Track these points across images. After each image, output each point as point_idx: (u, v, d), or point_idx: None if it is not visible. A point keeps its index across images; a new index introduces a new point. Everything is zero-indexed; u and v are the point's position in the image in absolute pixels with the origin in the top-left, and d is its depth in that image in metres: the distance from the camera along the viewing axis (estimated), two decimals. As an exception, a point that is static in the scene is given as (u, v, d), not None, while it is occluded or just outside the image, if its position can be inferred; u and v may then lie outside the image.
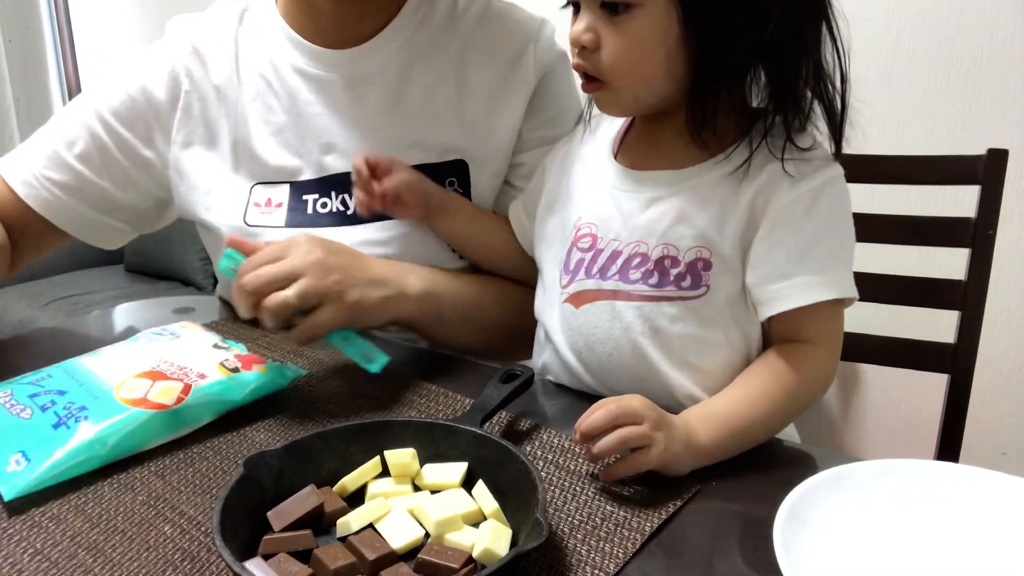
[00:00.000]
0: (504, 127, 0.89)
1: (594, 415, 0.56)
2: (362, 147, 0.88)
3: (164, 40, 0.93)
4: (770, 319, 0.67)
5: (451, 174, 0.89)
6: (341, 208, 0.88)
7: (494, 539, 0.47)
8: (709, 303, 0.67)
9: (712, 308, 0.67)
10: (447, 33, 0.91)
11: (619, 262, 0.69)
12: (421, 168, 0.88)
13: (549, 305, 0.77)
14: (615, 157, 0.74)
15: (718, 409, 0.62)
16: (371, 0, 0.87)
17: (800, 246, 0.64)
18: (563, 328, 0.74)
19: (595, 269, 0.71)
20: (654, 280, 0.68)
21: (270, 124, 0.89)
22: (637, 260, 0.68)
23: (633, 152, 0.74)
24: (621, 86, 0.66)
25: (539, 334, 0.81)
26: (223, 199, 0.89)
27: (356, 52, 0.89)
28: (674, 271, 0.67)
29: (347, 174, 0.87)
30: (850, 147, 0.67)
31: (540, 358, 0.80)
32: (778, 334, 0.68)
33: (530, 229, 0.83)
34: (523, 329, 0.84)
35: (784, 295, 0.65)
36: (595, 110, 0.78)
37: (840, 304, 0.67)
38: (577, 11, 0.67)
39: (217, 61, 0.90)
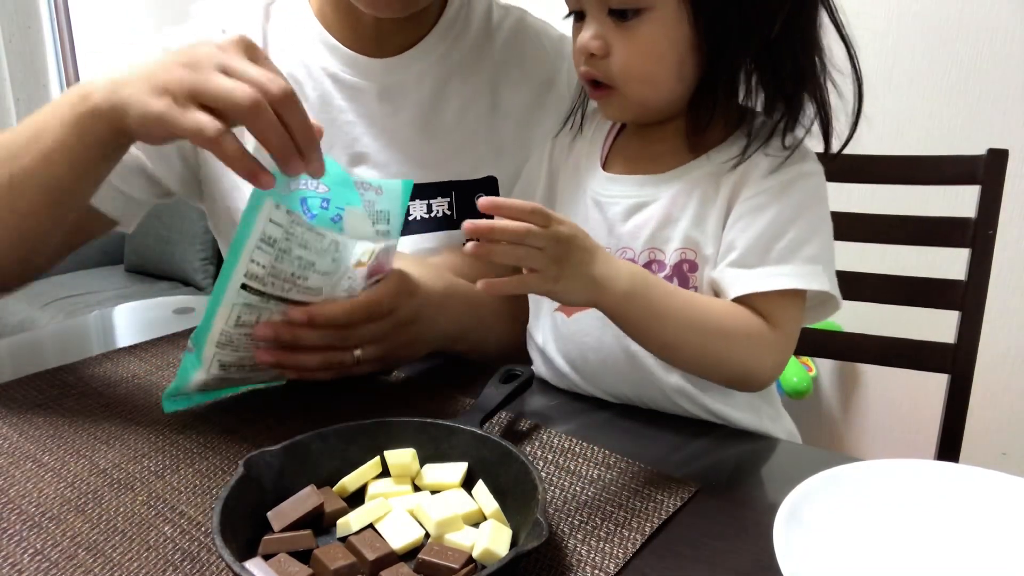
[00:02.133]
0: (536, 147, 0.89)
1: (518, 204, 0.54)
2: (394, 160, 0.87)
3: (194, 22, 0.89)
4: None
5: (481, 190, 0.89)
6: None
7: (494, 539, 0.47)
8: None
9: None
10: (482, 48, 0.90)
11: None
12: (452, 184, 0.88)
13: (541, 314, 0.76)
14: (603, 163, 0.74)
15: (660, 283, 0.61)
16: (414, 12, 0.84)
17: (764, 236, 0.64)
18: (555, 337, 0.74)
19: None
20: None
21: None
22: None
23: (622, 158, 0.73)
24: (631, 91, 0.66)
25: (530, 343, 0.80)
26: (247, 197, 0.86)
27: (393, 62, 0.87)
28: (661, 275, 0.67)
29: None
30: (849, 147, 0.67)
31: (533, 367, 0.80)
32: None
33: None
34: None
35: (743, 280, 0.63)
36: (587, 111, 0.78)
37: (801, 297, 0.65)
38: (579, 19, 0.66)
39: None
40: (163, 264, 2.69)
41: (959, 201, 1.03)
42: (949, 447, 1.03)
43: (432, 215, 0.89)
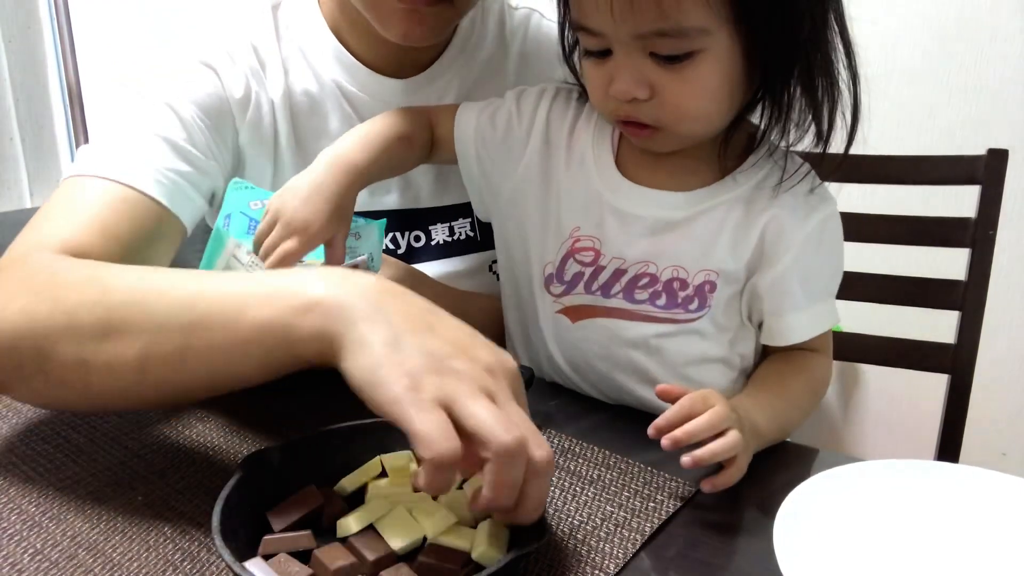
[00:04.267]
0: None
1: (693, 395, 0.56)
2: (414, 183, 0.85)
3: (221, 33, 0.82)
4: None
5: None
6: (391, 247, 0.85)
7: (492, 540, 0.47)
8: (711, 322, 0.67)
9: (713, 326, 0.67)
10: (498, 59, 0.88)
11: (623, 280, 0.68)
12: None
13: (540, 315, 0.73)
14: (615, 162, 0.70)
15: (765, 397, 0.64)
16: (439, 37, 0.79)
17: (811, 280, 0.66)
18: (557, 339, 0.72)
19: (595, 286, 0.69)
20: (662, 302, 0.67)
21: (318, 151, 0.81)
22: (645, 280, 0.67)
23: (636, 162, 0.69)
24: (680, 130, 0.62)
25: (515, 329, 0.78)
26: None
27: (413, 83, 0.84)
28: (682, 294, 0.66)
29: (401, 211, 0.84)
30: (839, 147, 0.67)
31: (524, 356, 0.78)
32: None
33: (473, 141, 0.75)
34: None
35: (800, 325, 0.67)
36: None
37: None
38: (602, 55, 0.60)
39: (272, 69, 0.82)
40: (163, 264, 2.69)
41: (959, 201, 1.03)
42: (949, 447, 1.03)
43: (455, 238, 0.87)
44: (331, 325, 0.46)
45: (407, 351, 0.45)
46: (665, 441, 0.53)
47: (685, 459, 0.54)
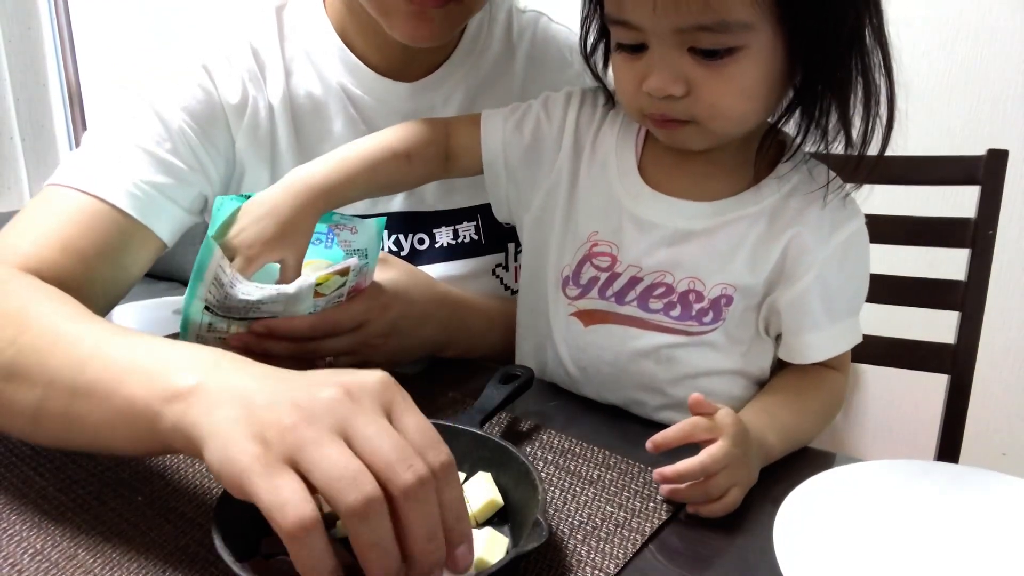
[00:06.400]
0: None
1: (687, 433, 0.55)
2: (425, 186, 0.84)
3: (221, 35, 0.82)
4: None
5: None
6: (394, 248, 0.85)
7: (488, 549, 0.47)
8: (724, 334, 0.66)
9: (727, 339, 0.66)
10: (505, 63, 0.87)
11: (639, 288, 0.67)
12: (478, 208, 0.85)
13: (551, 316, 0.73)
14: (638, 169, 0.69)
15: (780, 414, 0.63)
16: (447, 38, 0.79)
17: (833, 299, 0.65)
18: (568, 342, 0.72)
19: (610, 292, 0.68)
20: (676, 312, 0.66)
21: (322, 154, 0.80)
22: (661, 290, 0.66)
23: (659, 168, 0.68)
24: (714, 127, 0.60)
25: (527, 328, 0.77)
26: None
27: (419, 86, 0.83)
28: (698, 306, 0.65)
29: (405, 213, 0.84)
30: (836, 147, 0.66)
31: (532, 356, 0.77)
32: None
33: (501, 150, 0.73)
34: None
35: (819, 345, 0.66)
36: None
37: None
38: (635, 50, 0.59)
39: (272, 72, 0.81)
40: (163, 264, 2.67)
41: (959, 201, 1.03)
42: (949, 447, 1.03)
43: (459, 241, 0.87)
44: (193, 416, 0.43)
45: (259, 409, 0.41)
46: (656, 475, 0.54)
47: (664, 489, 0.55)
